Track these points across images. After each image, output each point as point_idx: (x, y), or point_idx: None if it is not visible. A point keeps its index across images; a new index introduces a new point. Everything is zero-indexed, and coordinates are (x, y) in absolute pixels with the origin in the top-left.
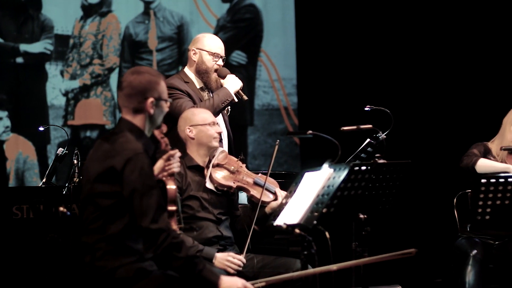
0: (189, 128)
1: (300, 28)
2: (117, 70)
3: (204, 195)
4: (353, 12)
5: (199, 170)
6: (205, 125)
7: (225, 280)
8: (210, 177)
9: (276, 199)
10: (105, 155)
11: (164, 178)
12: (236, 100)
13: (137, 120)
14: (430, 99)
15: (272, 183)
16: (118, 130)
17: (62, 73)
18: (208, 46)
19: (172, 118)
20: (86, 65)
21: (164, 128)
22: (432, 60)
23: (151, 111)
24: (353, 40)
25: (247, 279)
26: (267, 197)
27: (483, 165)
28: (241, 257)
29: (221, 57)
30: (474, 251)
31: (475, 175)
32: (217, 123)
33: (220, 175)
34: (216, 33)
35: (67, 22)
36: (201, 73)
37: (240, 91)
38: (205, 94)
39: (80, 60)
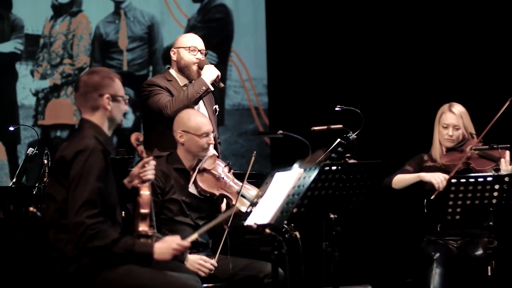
0: (180, 133)
1: (270, 28)
2: (87, 70)
3: (185, 199)
4: (324, 12)
5: (185, 173)
6: (198, 136)
7: (157, 246)
8: (195, 181)
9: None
10: (61, 149)
11: (138, 185)
12: (213, 88)
13: (96, 118)
14: (400, 99)
15: (257, 193)
16: (79, 128)
17: (32, 73)
18: (184, 43)
19: (153, 114)
20: (56, 65)
21: (140, 137)
22: (402, 60)
23: (108, 107)
24: (323, 40)
25: (220, 281)
26: (246, 206)
27: (397, 181)
28: (213, 261)
29: (199, 50)
30: (437, 254)
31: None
32: (212, 133)
33: (204, 181)
34: (186, 33)
35: (37, 21)
36: (183, 69)
37: (217, 80)
38: None
39: (50, 60)
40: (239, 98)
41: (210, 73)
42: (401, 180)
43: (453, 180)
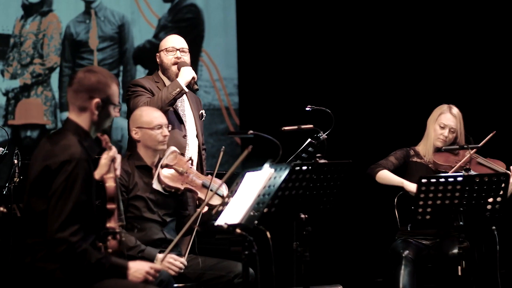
0: (135, 130)
1: (241, 28)
2: (57, 70)
3: (150, 195)
4: (294, 12)
5: (147, 170)
6: (151, 129)
7: (132, 265)
8: (158, 177)
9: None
10: (45, 155)
11: (104, 177)
12: (187, 90)
13: (82, 120)
14: (371, 99)
15: (220, 186)
16: (63, 130)
17: (2, 72)
18: (163, 45)
19: (131, 114)
20: (26, 65)
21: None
22: (373, 60)
23: (95, 112)
24: (294, 40)
25: (189, 280)
26: (215, 200)
27: (382, 177)
28: (183, 260)
29: (177, 49)
30: (406, 252)
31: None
32: (165, 125)
33: (168, 176)
34: (157, 33)
35: (7, 21)
36: (164, 71)
37: (192, 82)
38: None
39: (20, 60)
40: (209, 98)
41: (185, 75)
42: (385, 178)
43: (423, 180)
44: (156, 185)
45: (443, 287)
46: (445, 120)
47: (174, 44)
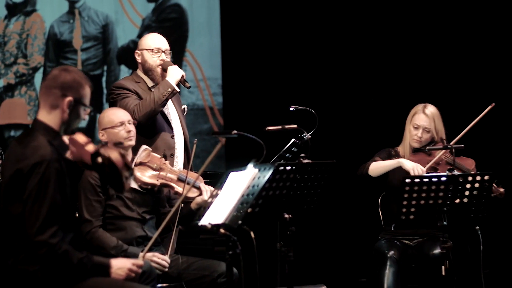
0: (101, 133)
1: (225, 28)
2: (41, 70)
3: (127, 194)
4: (278, 12)
5: None
6: (113, 127)
7: (114, 264)
8: (133, 176)
9: (200, 194)
10: (16, 158)
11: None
12: (178, 89)
13: (52, 119)
14: (355, 99)
15: (196, 178)
16: (31, 131)
17: None
18: (147, 45)
19: None
20: (10, 65)
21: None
22: (356, 60)
23: (67, 111)
24: (278, 40)
25: (173, 280)
26: (192, 192)
27: (375, 168)
28: (166, 258)
29: (162, 51)
30: (391, 252)
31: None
32: (128, 121)
33: (143, 174)
34: (141, 33)
35: None
36: (148, 71)
37: (182, 80)
38: None
39: (4, 60)
40: (193, 98)
41: (174, 74)
42: (379, 166)
43: (407, 180)
44: (132, 184)
45: (427, 287)
46: (418, 121)
47: (160, 46)
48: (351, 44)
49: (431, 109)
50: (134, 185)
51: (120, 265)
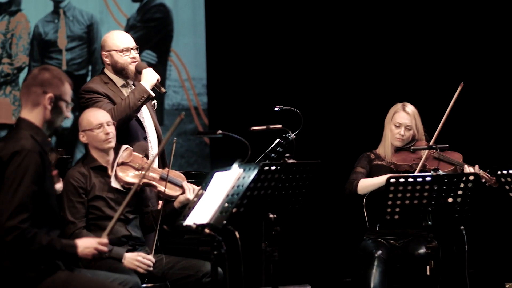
0: (81, 134)
1: (210, 28)
2: (26, 70)
3: (109, 194)
4: (263, 12)
5: (103, 170)
6: (91, 130)
7: (80, 244)
8: (116, 176)
9: (183, 192)
10: None
11: None
12: (154, 94)
13: (34, 116)
14: (339, 99)
15: (178, 177)
16: (15, 128)
17: None
18: (115, 45)
19: None
20: None
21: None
22: (341, 60)
23: (49, 107)
24: (263, 40)
25: (157, 280)
26: (174, 191)
27: (364, 186)
28: (151, 257)
29: (131, 48)
30: (379, 252)
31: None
32: (107, 123)
33: (125, 174)
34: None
35: None
36: (120, 72)
37: (157, 84)
38: (126, 91)
39: None
40: (178, 98)
41: (149, 78)
42: (367, 185)
43: (392, 180)
44: (114, 184)
45: (412, 287)
46: (399, 119)
47: (128, 44)
48: (334, 45)
49: (410, 107)
50: (116, 185)
51: (86, 245)
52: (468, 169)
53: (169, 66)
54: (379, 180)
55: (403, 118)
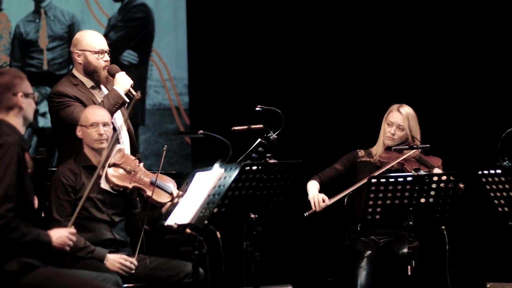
0: (78, 128)
1: (191, 27)
2: None
3: (98, 195)
4: (244, 12)
5: (94, 170)
6: (86, 126)
7: (53, 235)
8: (106, 177)
9: (173, 199)
10: None
11: None
12: (128, 100)
13: (11, 117)
14: (321, 99)
15: (169, 182)
16: None
17: None
18: (90, 46)
19: (65, 126)
20: None
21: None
22: (322, 60)
23: (23, 105)
24: (244, 40)
25: (139, 280)
26: (164, 197)
27: (308, 187)
28: (133, 260)
29: (105, 51)
30: (369, 252)
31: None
32: (103, 123)
33: (115, 175)
34: (107, 33)
35: None
36: (90, 73)
37: (131, 89)
38: (96, 92)
39: None
40: (160, 98)
41: (123, 83)
42: (308, 187)
43: (373, 180)
44: (104, 185)
45: (393, 287)
46: (392, 118)
47: (104, 47)
48: (316, 44)
49: (406, 108)
50: (105, 186)
51: (58, 235)
52: (436, 171)
53: (151, 66)
54: (308, 187)
55: (395, 118)
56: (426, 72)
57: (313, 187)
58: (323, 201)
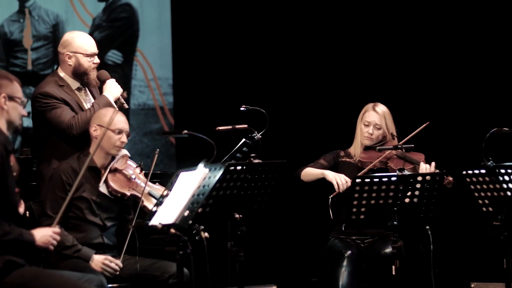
0: (95, 127)
1: (176, 27)
2: None
3: (95, 198)
4: (229, 11)
5: (96, 172)
6: (113, 130)
7: (36, 234)
8: (106, 181)
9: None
10: None
11: None
12: (116, 107)
13: None
14: (305, 99)
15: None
16: None
17: None
18: (83, 48)
19: (51, 128)
20: None
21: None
22: (307, 60)
23: (5, 107)
24: (229, 40)
25: (124, 280)
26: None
27: (305, 174)
28: (118, 262)
29: (96, 54)
30: (349, 252)
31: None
32: (126, 133)
33: (116, 181)
34: (91, 32)
35: None
36: (80, 75)
37: (120, 97)
38: (81, 94)
39: None
40: (144, 98)
41: (113, 91)
42: (308, 173)
43: (357, 180)
44: (102, 189)
45: (377, 287)
46: (369, 118)
47: (95, 50)
48: (300, 44)
49: (381, 107)
50: (104, 190)
51: (42, 233)
52: (423, 166)
53: (135, 66)
54: (317, 172)
55: (372, 117)
56: (410, 72)
57: (321, 169)
58: (346, 181)
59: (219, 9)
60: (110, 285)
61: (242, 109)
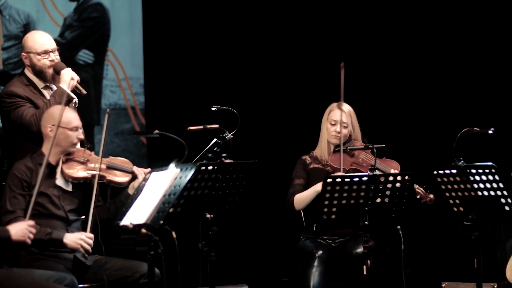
0: (50, 127)
1: (147, 27)
2: None
3: (54, 191)
4: (200, 11)
5: (50, 168)
6: (67, 129)
7: (11, 229)
8: (62, 173)
9: (135, 177)
10: None
11: None
12: (74, 96)
13: None
14: (276, 99)
15: (125, 163)
16: None
17: None
18: (33, 48)
19: (16, 127)
20: None
21: None
22: (277, 59)
23: None
24: (200, 39)
25: (94, 281)
26: (124, 177)
27: (298, 202)
28: (91, 235)
29: (50, 51)
30: (320, 252)
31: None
32: (81, 128)
33: (71, 169)
34: (62, 32)
35: None
36: (39, 74)
37: (77, 85)
38: (47, 93)
39: None
40: (115, 98)
41: (68, 80)
42: (301, 200)
43: (328, 180)
44: (60, 182)
45: (349, 287)
46: (335, 116)
47: (47, 47)
48: (271, 44)
49: (347, 106)
50: (60, 183)
51: (17, 228)
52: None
53: (106, 66)
54: (309, 193)
55: (338, 115)
56: (381, 71)
57: (309, 189)
58: None
59: (190, 9)
60: (81, 286)
61: (213, 109)
